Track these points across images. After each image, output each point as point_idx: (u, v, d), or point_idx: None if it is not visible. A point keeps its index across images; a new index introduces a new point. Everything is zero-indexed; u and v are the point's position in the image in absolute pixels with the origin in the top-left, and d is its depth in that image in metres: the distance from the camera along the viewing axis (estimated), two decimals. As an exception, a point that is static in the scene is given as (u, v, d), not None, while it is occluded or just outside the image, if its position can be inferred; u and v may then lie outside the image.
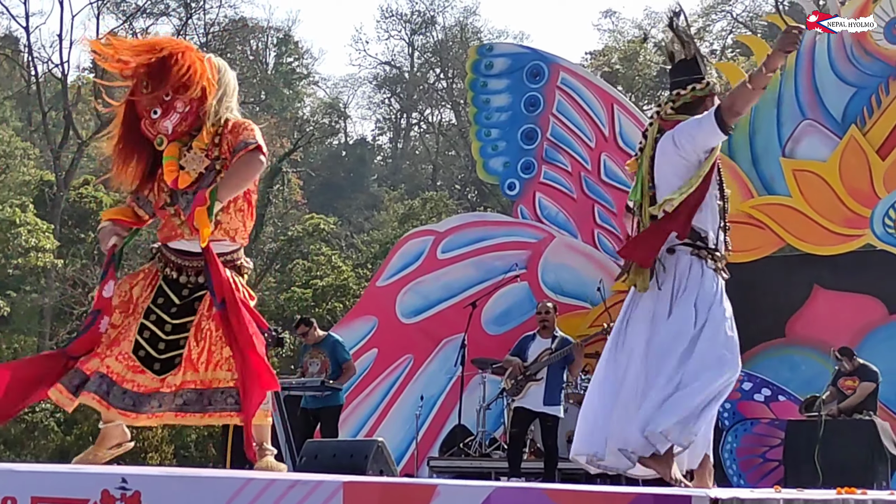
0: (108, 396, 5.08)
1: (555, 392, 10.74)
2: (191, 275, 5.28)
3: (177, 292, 5.28)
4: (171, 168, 5.25)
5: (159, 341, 5.22)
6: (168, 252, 5.33)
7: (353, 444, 9.60)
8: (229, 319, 5.09)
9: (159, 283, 5.30)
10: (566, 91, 14.89)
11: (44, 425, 27.44)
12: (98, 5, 37.70)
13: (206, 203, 5.02)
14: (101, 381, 5.08)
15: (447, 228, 15.35)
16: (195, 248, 5.21)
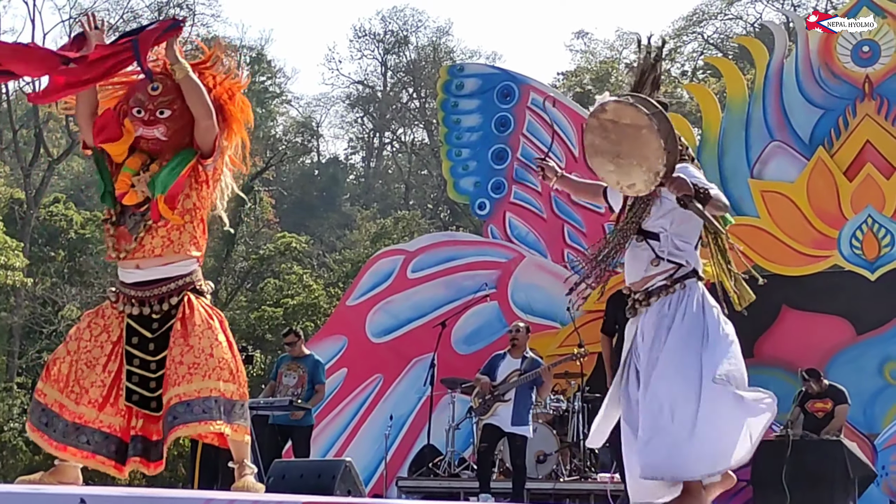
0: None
1: (522, 412, 10.73)
2: (154, 304, 5.21)
3: (147, 327, 5.22)
4: (125, 181, 5.20)
5: (150, 381, 5.17)
6: (126, 287, 5.25)
7: (320, 464, 9.55)
8: None
9: (126, 323, 5.22)
10: (536, 111, 14.93)
11: (12, 445, 27.27)
12: (70, 24, 37.65)
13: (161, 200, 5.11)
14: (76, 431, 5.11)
15: (417, 248, 15.35)
16: (151, 276, 5.20)
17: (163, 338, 5.17)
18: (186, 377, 5.03)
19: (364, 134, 49.83)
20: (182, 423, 4.99)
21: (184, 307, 5.17)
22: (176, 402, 5.01)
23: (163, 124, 5.21)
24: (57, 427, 5.13)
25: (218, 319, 5.23)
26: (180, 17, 5.57)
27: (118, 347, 5.19)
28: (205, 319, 5.15)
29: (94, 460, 5.14)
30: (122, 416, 5.17)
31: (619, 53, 42.31)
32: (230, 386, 5.07)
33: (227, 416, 5.04)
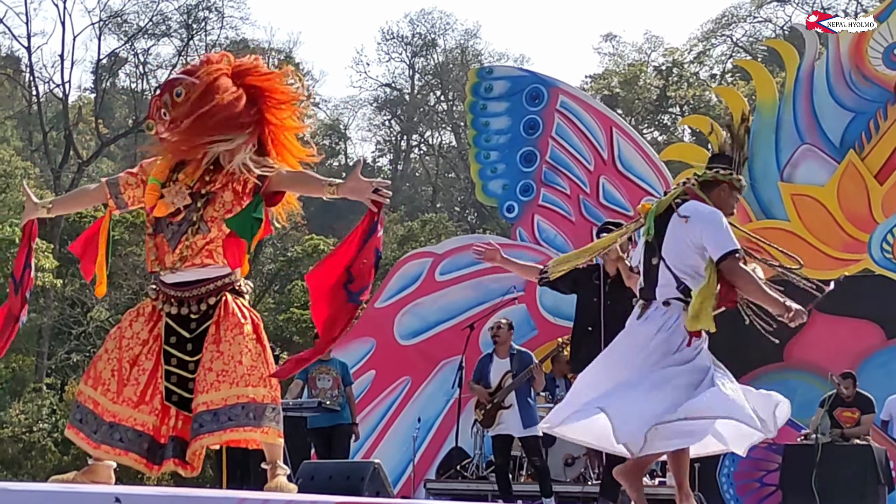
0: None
1: (530, 412, 10.64)
2: (192, 304, 5.21)
3: (185, 327, 5.22)
4: (153, 191, 5.22)
5: (188, 381, 5.18)
6: (165, 287, 5.26)
7: (349, 466, 9.58)
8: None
9: (164, 322, 5.24)
10: (565, 114, 14.91)
11: (41, 445, 27.41)
12: (99, 26, 37.87)
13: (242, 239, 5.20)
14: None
15: (445, 250, 15.35)
16: (191, 277, 5.21)
17: (200, 338, 5.18)
18: (214, 385, 5.04)
19: (391, 137, 49.90)
20: (207, 432, 5.00)
21: (220, 309, 5.18)
22: (202, 410, 5.03)
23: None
24: (92, 424, 5.14)
25: (252, 322, 5.22)
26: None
27: (156, 345, 5.21)
28: (238, 324, 5.15)
29: (127, 457, 5.14)
30: (156, 415, 5.18)
31: (648, 56, 42.26)
32: (260, 390, 5.06)
33: (258, 420, 5.02)
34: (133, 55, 40.92)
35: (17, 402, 29.13)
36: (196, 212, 5.17)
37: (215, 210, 5.19)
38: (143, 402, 5.17)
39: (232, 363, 5.06)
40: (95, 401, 5.16)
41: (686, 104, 39.07)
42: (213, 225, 5.18)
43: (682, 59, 40.46)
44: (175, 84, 5.22)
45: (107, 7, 38.43)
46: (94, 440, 5.13)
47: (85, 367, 26.49)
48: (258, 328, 5.24)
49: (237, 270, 5.32)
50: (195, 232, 5.16)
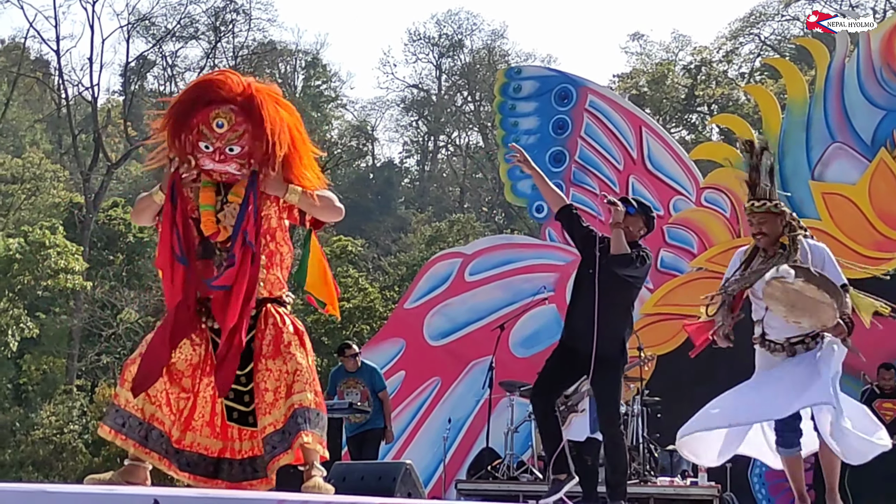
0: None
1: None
2: None
3: None
4: (209, 219, 5.17)
5: (244, 395, 5.23)
6: (209, 303, 5.24)
7: (381, 467, 9.56)
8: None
9: (210, 339, 5.25)
10: (594, 114, 14.89)
11: (72, 447, 27.53)
12: (128, 29, 38.03)
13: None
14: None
15: (475, 251, 15.35)
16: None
17: (247, 351, 5.20)
18: (273, 404, 5.09)
19: (419, 137, 49.94)
20: (281, 451, 5.07)
21: (261, 321, 5.21)
22: (271, 432, 5.09)
23: (234, 161, 5.14)
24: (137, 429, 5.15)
25: (295, 329, 5.25)
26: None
27: (207, 367, 5.23)
28: (279, 335, 5.18)
29: (194, 480, 5.24)
30: (220, 437, 5.27)
31: (675, 55, 42.13)
32: (306, 395, 5.09)
33: (308, 425, 5.07)
34: (161, 58, 41.16)
35: (48, 404, 29.27)
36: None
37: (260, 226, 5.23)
38: (210, 425, 5.25)
39: (282, 376, 5.11)
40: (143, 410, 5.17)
41: (714, 103, 38.94)
42: (259, 246, 5.21)
43: (711, 57, 40.33)
44: (217, 117, 5.12)
45: (135, 10, 38.79)
46: (155, 452, 5.18)
47: (115, 369, 26.66)
48: (301, 334, 5.26)
49: (278, 282, 5.34)
50: None
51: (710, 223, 14.13)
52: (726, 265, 13.59)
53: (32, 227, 28.49)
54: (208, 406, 5.25)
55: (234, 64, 37.01)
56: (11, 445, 28.13)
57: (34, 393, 30.60)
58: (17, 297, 27.55)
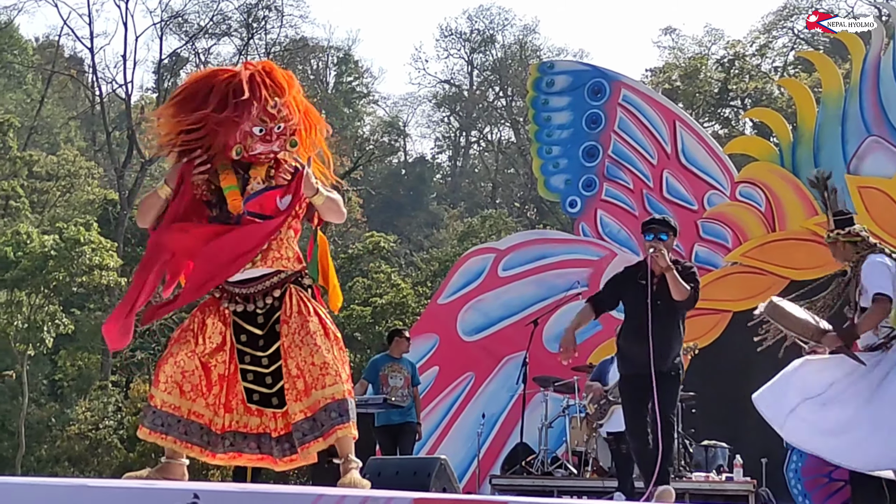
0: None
1: None
2: (258, 300, 5.24)
3: (252, 322, 5.26)
4: (235, 199, 5.21)
5: (265, 376, 5.24)
6: (230, 285, 5.27)
7: (416, 462, 9.59)
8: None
9: (233, 321, 5.27)
10: (628, 108, 14.83)
11: (107, 442, 27.69)
12: (161, 26, 38.21)
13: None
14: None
15: (508, 246, 15.33)
16: (258, 272, 5.24)
17: (271, 333, 5.22)
18: (304, 391, 5.12)
19: (451, 133, 49.92)
20: (312, 439, 5.10)
21: (286, 304, 5.22)
22: (301, 419, 5.12)
23: (279, 139, 5.24)
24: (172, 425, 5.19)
25: (318, 317, 5.25)
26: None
27: (229, 347, 5.25)
28: (304, 322, 5.19)
29: (242, 459, 5.30)
30: (254, 413, 5.30)
31: (708, 49, 41.93)
32: (340, 387, 5.11)
33: (344, 417, 5.09)
34: (194, 55, 41.26)
35: (84, 400, 29.45)
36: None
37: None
38: (244, 402, 5.28)
39: (306, 365, 5.13)
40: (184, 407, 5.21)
41: (747, 97, 38.74)
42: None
43: (744, 51, 40.12)
44: (272, 97, 5.21)
45: (168, 7, 38.85)
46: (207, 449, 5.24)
47: (150, 365, 26.77)
48: (324, 322, 5.26)
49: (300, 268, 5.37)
50: None
51: (745, 217, 14.06)
52: (761, 259, 13.67)
53: (67, 223, 28.64)
54: (240, 385, 5.28)
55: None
56: (47, 441, 28.33)
57: (69, 389, 30.80)
58: (53, 294, 27.72)
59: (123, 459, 26.78)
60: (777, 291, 13.47)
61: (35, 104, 41.52)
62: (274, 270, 5.25)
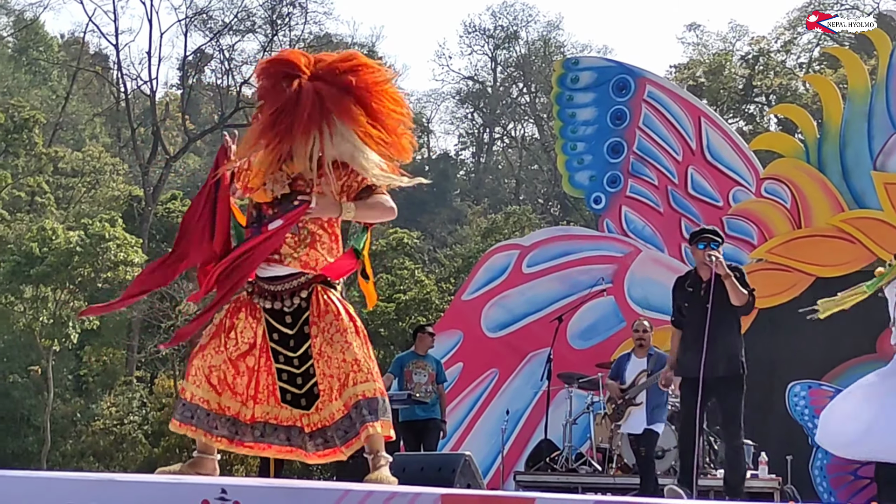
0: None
1: (656, 412, 10.64)
2: (286, 299, 5.25)
3: (281, 321, 5.27)
4: (260, 176, 5.23)
5: (296, 377, 5.25)
6: (260, 281, 5.28)
7: (440, 458, 9.59)
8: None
9: (264, 318, 5.28)
10: (653, 104, 14.77)
11: (132, 437, 27.81)
12: (185, 23, 38.31)
13: (357, 266, 5.34)
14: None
15: (532, 242, 15.30)
16: (285, 271, 5.24)
17: (301, 333, 5.23)
18: (338, 390, 5.14)
19: (474, 129, 49.89)
20: (353, 436, 5.12)
21: (313, 304, 5.22)
22: (341, 417, 5.15)
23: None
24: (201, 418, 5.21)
25: (348, 314, 5.25)
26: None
27: (264, 344, 5.27)
28: (333, 321, 5.19)
29: (271, 450, 5.33)
30: (284, 406, 5.31)
31: (732, 46, 41.78)
32: (369, 385, 5.12)
33: (377, 415, 5.10)
34: (218, 51, 41.35)
35: (109, 395, 29.60)
36: (287, 203, 5.20)
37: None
38: (274, 395, 5.30)
39: (336, 363, 5.14)
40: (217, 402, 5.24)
41: (772, 93, 38.59)
42: (304, 224, 5.22)
43: (769, 47, 39.96)
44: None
45: (192, 4, 38.92)
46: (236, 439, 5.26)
47: (174, 361, 26.87)
48: (354, 320, 5.26)
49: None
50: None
51: (771, 214, 14.00)
52: (787, 256, 13.62)
53: (92, 219, 28.76)
54: (271, 378, 5.29)
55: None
56: (72, 436, 28.48)
57: (94, 384, 30.95)
58: (78, 290, 27.85)
59: (148, 454, 26.90)
60: (802, 289, 13.47)
61: (60, 100, 41.67)
62: (301, 270, 5.25)
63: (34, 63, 44.01)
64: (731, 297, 8.09)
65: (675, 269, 14.19)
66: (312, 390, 5.22)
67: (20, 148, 34.45)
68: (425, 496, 3.56)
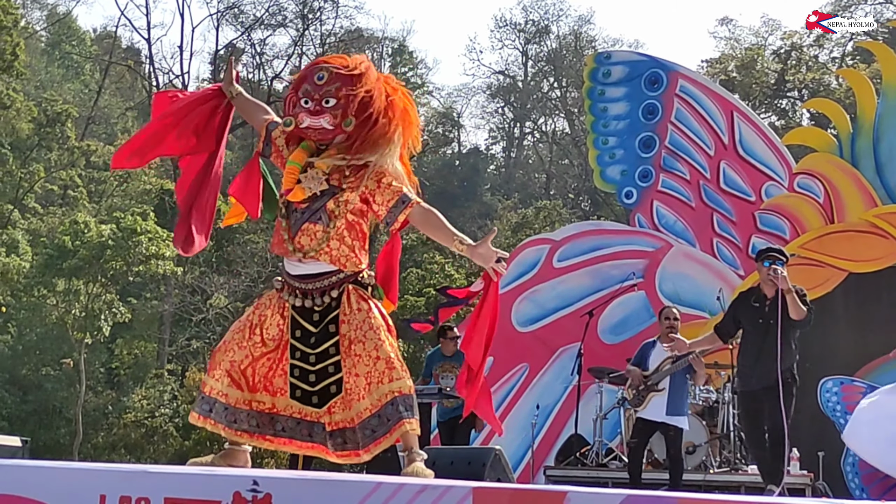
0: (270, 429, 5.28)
1: (678, 402, 10.51)
2: (316, 297, 5.22)
3: (308, 319, 5.24)
4: (291, 175, 5.20)
5: (309, 374, 5.22)
6: (291, 279, 5.27)
7: (470, 452, 9.57)
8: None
9: (291, 315, 5.26)
10: (685, 99, 14.71)
11: (163, 430, 27.96)
12: (217, 17, 38.45)
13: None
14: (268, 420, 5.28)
15: (563, 237, 15.26)
16: (316, 269, 5.22)
17: (324, 332, 5.21)
18: (367, 388, 5.10)
19: (505, 124, 49.88)
20: (382, 435, 5.07)
21: (344, 303, 5.21)
22: (368, 416, 5.10)
23: (328, 113, 5.15)
24: (219, 412, 5.22)
25: (379, 312, 5.24)
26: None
27: (284, 340, 5.26)
28: (365, 318, 5.17)
29: (292, 445, 5.28)
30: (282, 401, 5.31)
31: (765, 40, 41.58)
32: (405, 382, 5.10)
33: (411, 412, 5.08)
34: (250, 45, 41.47)
35: (140, 388, 29.76)
36: (320, 200, 5.19)
37: (336, 205, 5.19)
38: (277, 392, 5.29)
39: (370, 360, 5.10)
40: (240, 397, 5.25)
41: (805, 88, 38.39)
42: (332, 219, 5.18)
43: (801, 42, 39.74)
44: (320, 70, 5.24)
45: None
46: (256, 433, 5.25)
47: (205, 354, 26.99)
48: (385, 318, 5.25)
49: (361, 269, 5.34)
50: (316, 221, 5.17)
51: (803, 209, 13.93)
52: (820, 251, 13.55)
53: (124, 213, 28.89)
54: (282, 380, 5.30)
55: (321, 51, 37.23)
56: (104, 428, 28.64)
57: (126, 377, 31.13)
58: (110, 283, 28.01)
59: (179, 447, 27.03)
60: (835, 284, 13.41)
61: (93, 94, 41.91)
62: (332, 269, 5.23)
63: (67, 57, 44.26)
64: (792, 311, 8.41)
65: (706, 264, 14.19)
66: (328, 389, 5.19)
67: (53, 142, 34.68)
68: (457, 489, 3.56)
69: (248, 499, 3.79)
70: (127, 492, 3.94)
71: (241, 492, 3.80)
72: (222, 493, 3.83)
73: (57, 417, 28.74)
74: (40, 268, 27.69)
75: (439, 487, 3.60)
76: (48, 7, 43.84)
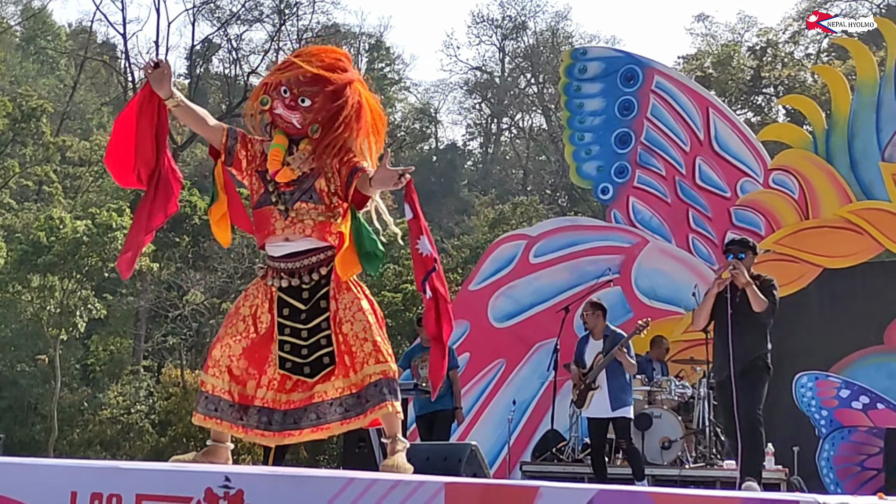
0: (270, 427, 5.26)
1: (619, 395, 10.51)
2: (304, 275, 5.26)
3: (297, 297, 5.28)
4: (276, 157, 5.25)
5: (301, 348, 5.25)
6: (275, 262, 5.31)
7: (446, 447, 9.57)
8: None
9: (277, 297, 5.29)
10: (661, 95, 14.75)
11: (139, 426, 27.85)
12: (193, 12, 38.30)
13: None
14: (259, 414, 5.25)
15: (540, 233, 15.29)
16: (304, 246, 5.26)
17: (315, 307, 5.25)
18: (352, 367, 5.15)
19: (482, 120, 49.91)
20: (355, 415, 5.14)
21: (333, 281, 5.25)
22: (347, 395, 5.16)
23: (300, 112, 5.25)
24: (227, 411, 5.22)
25: (366, 296, 5.31)
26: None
27: (271, 323, 5.28)
28: (354, 299, 5.24)
29: (248, 434, 5.28)
30: (273, 389, 5.28)
31: (741, 37, 41.69)
32: (389, 365, 5.16)
33: (393, 395, 5.13)
34: (226, 41, 41.37)
35: (116, 385, 29.63)
36: (307, 181, 5.25)
37: (327, 183, 5.27)
38: (262, 379, 5.28)
39: (357, 342, 5.16)
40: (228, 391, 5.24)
41: (780, 84, 38.50)
42: (323, 196, 5.25)
43: (777, 38, 39.86)
44: (296, 69, 5.28)
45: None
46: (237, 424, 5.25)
47: (181, 350, 26.91)
48: (371, 302, 5.32)
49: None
50: (308, 199, 5.23)
51: (778, 205, 13.98)
52: (794, 247, 13.61)
53: (100, 209, 28.77)
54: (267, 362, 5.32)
55: (298, 47, 37.12)
56: (80, 425, 28.51)
57: (102, 373, 30.98)
58: (85, 279, 27.87)
59: (155, 444, 26.94)
60: (810, 279, 13.46)
61: (68, 90, 41.71)
62: (319, 246, 5.26)
63: (42, 52, 44.06)
64: (753, 304, 8.44)
65: (682, 259, 14.23)
66: (321, 360, 5.23)
67: (28, 137, 34.48)
68: (429, 485, 3.55)
69: (220, 495, 3.78)
70: (98, 488, 3.93)
71: (212, 488, 3.79)
72: (194, 489, 3.82)
73: (32, 414, 28.59)
74: (15, 264, 27.52)
75: (411, 483, 3.60)
76: (23, 2, 43.66)
